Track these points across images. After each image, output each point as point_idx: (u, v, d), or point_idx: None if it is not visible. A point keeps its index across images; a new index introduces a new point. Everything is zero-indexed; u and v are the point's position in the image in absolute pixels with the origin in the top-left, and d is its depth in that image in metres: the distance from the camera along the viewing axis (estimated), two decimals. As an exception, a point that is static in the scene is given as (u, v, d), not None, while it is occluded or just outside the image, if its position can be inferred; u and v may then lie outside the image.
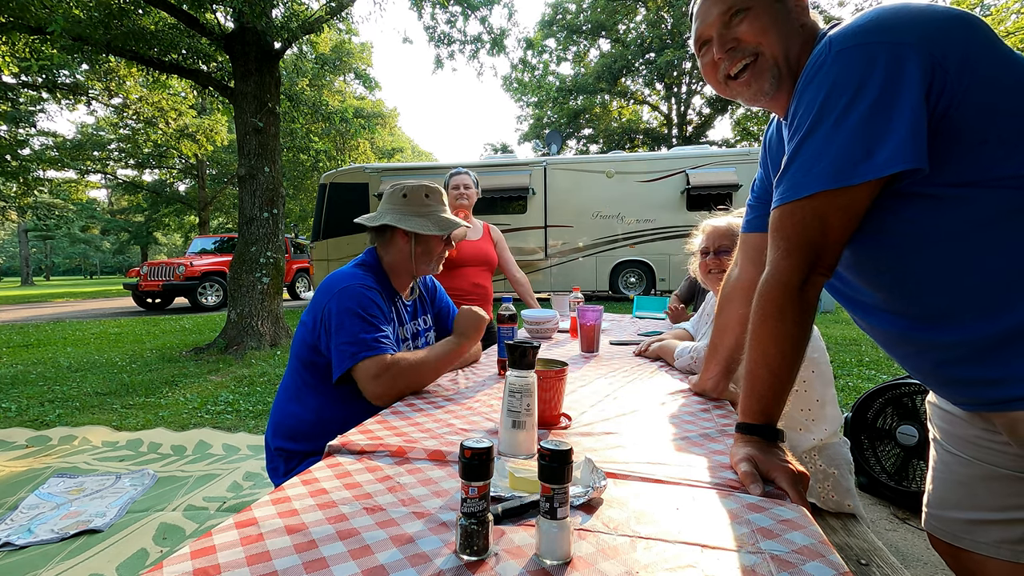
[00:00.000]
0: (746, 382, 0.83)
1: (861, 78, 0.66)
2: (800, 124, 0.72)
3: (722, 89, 0.92)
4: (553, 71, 21.46)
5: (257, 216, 5.60)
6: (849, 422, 2.32)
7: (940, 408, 0.87)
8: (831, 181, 0.68)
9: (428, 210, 1.48)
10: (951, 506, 0.83)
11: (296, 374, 1.39)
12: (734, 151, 10.47)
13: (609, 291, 10.07)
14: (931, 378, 0.80)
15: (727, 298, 1.18)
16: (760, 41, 0.83)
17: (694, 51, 0.94)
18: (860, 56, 0.66)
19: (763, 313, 0.78)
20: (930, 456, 0.90)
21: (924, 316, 0.73)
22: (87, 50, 5.45)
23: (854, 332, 5.98)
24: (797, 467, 0.76)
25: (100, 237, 43.81)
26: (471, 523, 0.57)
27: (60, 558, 1.82)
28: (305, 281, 13.87)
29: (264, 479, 2.47)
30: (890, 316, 0.78)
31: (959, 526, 0.82)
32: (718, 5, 0.85)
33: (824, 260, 0.73)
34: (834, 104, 0.67)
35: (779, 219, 0.75)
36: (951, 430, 0.84)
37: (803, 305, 0.75)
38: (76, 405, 3.77)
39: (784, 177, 0.74)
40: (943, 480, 0.86)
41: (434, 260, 1.51)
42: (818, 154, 0.69)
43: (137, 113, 14.99)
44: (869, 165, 0.65)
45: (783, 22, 0.82)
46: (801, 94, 0.72)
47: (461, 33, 6.72)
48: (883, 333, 0.82)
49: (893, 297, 0.76)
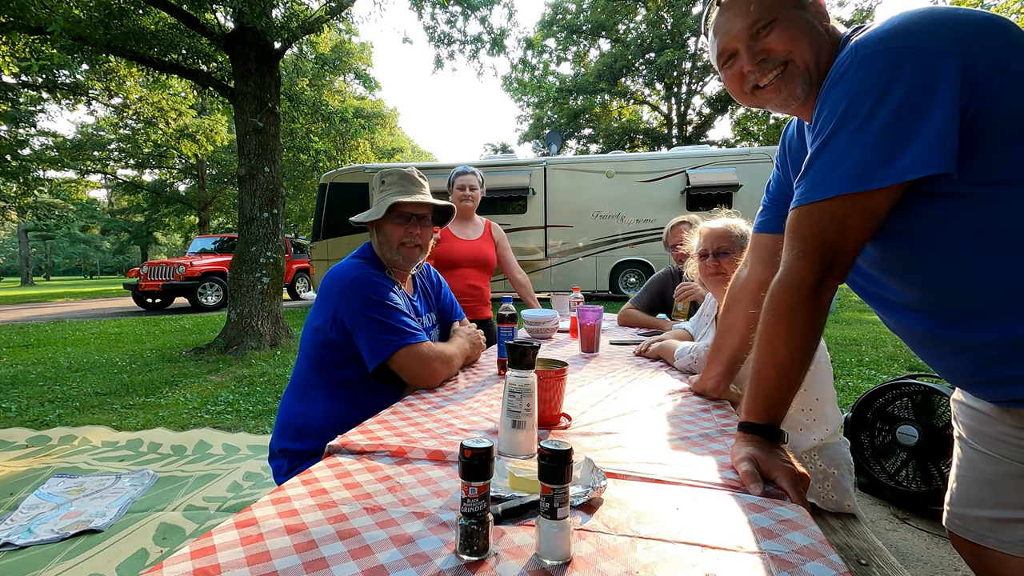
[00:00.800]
0: (752, 381, 0.82)
1: (887, 83, 0.65)
2: (823, 127, 0.71)
3: (747, 99, 0.90)
4: (553, 71, 21.40)
5: (257, 216, 5.60)
6: (849, 422, 2.32)
7: (967, 406, 0.85)
8: (851, 185, 0.68)
9: (381, 196, 1.43)
10: (976, 504, 0.82)
11: (303, 375, 1.39)
12: (734, 151, 10.48)
13: (609, 291, 10.06)
14: (962, 378, 0.79)
15: (735, 298, 1.17)
16: (791, 50, 0.82)
17: (716, 65, 0.92)
18: (887, 61, 0.66)
19: (775, 313, 0.78)
20: (953, 455, 0.89)
21: (958, 315, 0.72)
22: (87, 50, 5.45)
23: (854, 332, 5.98)
24: (799, 468, 0.75)
25: (100, 237, 43.81)
26: (471, 523, 0.57)
27: (60, 558, 1.82)
28: (305, 281, 13.86)
29: (264, 479, 2.47)
30: (921, 316, 0.77)
31: (983, 525, 0.81)
32: (742, 18, 0.83)
33: (840, 263, 0.73)
34: (859, 108, 0.67)
35: (797, 220, 0.75)
36: (978, 427, 0.82)
37: (815, 307, 0.75)
38: (76, 405, 3.77)
39: (804, 178, 0.74)
40: (968, 478, 0.84)
41: (395, 247, 1.42)
42: (840, 157, 0.69)
43: (137, 113, 14.98)
44: (891, 170, 0.65)
45: (810, 29, 0.81)
46: (825, 97, 0.72)
47: (461, 33, 6.73)
48: (913, 333, 0.81)
49: (925, 296, 0.75)
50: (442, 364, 1.34)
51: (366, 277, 1.32)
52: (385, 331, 1.27)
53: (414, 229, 1.43)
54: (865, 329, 6.13)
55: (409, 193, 1.43)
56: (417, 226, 1.44)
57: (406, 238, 1.42)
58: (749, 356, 0.88)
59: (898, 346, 5.04)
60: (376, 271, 1.38)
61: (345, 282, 1.31)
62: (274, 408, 3.61)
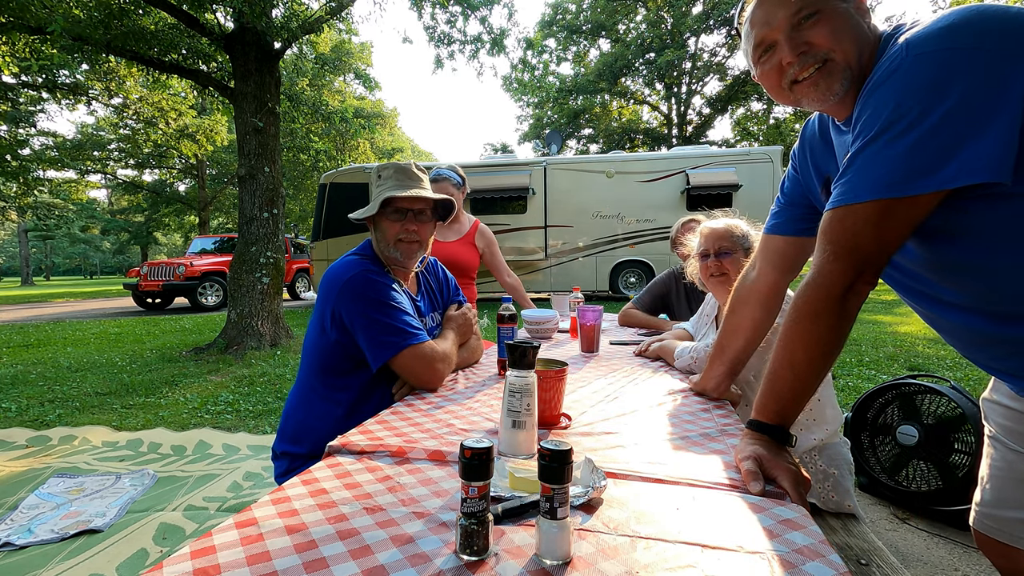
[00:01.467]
0: (767, 380, 0.81)
1: (941, 85, 0.62)
2: (866, 127, 0.68)
3: (784, 96, 0.87)
4: (553, 71, 21.38)
5: (257, 216, 5.60)
6: (849, 422, 2.32)
7: (1004, 406, 0.83)
8: (890, 189, 0.66)
9: (377, 191, 1.40)
10: (1011, 505, 0.80)
11: (303, 381, 1.39)
12: (734, 151, 10.47)
13: (609, 291, 10.06)
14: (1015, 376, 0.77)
15: (741, 300, 1.15)
16: (833, 47, 0.78)
17: (750, 58, 0.88)
18: (940, 62, 0.63)
19: (797, 314, 0.76)
20: (985, 454, 0.87)
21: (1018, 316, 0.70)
22: (87, 50, 5.44)
23: (854, 332, 5.97)
24: (802, 471, 0.75)
25: (100, 237, 43.80)
26: (471, 523, 0.57)
27: (60, 558, 1.82)
28: (305, 281, 13.86)
29: (264, 479, 2.47)
30: (978, 316, 0.75)
31: (1017, 526, 0.79)
32: (784, 7, 0.79)
33: (872, 268, 0.71)
34: (906, 110, 0.64)
35: (830, 222, 0.73)
36: (1015, 427, 0.80)
37: (842, 312, 0.73)
38: (76, 405, 3.77)
39: (842, 179, 0.72)
40: (1003, 479, 0.82)
41: (391, 243, 1.38)
42: (880, 160, 0.66)
43: (137, 113, 14.99)
44: (933, 178, 0.63)
45: (854, 25, 0.78)
46: (869, 97, 0.69)
47: (461, 33, 6.72)
48: (969, 332, 0.78)
49: (982, 296, 0.73)
50: (445, 365, 1.34)
51: (363, 276, 1.29)
52: (387, 332, 1.25)
53: (410, 225, 1.38)
54: (865, 329, 6.13)
55: (404, 187, 1.37)
56: (414, 221, 1.39)
57: (402, 234, 1.37)
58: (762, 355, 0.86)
59: (898, 346, 5.04)
60: (375, 268, 1.35)
61: (342, 281, 1.29)
62: (274, 408, 3.61)
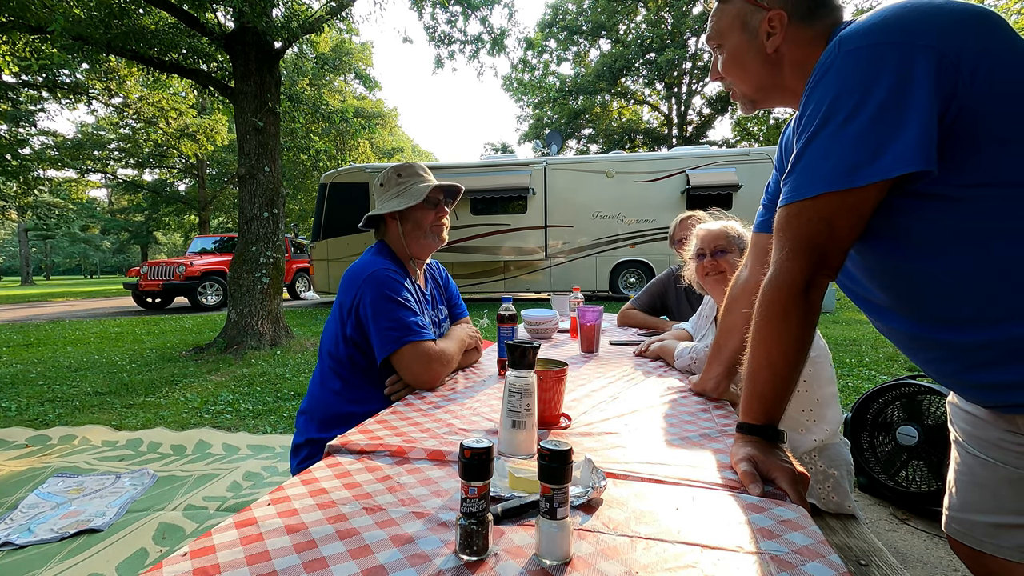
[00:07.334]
0: (748, 382, 0.82)
1: (869, 79, 0.64)
2: (807, 125, 0.71)
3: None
4: (553, 71, 21.48)
5: (257, 216, 5.60)
6: (849, 422, 2.32)
7: (962, 410, 0.84)
8: (836, 182, 0.67)
9: (403, 187, 1.50)
10: (973, 509, 0.81)
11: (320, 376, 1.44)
12: (734, 151, 10.47)
13: (609, 291, 10.06)
14: (953, 381, 0.78)
15: (735, 299, 1.16)
16: (731, 78, 0.90)
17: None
18: (868, 57, 0.65)
19: (767, 313, 0.77)
20: (951, 459, 0.88)
21: (945, 318, 0.71)
22: (87, 50, 5.44)
23: (854, 332, 5.98)
24: (798, 468, 0.75)
25: (100, 237, 43.83)
26: (471, 523, 0.56)
27: (60, 558, 1.82)
28: (305, 281, 13.85)
29: (264, 479, 2.47)
30: (907, 318, 0.76)
31: (981, 530, 0.80)
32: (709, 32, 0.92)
33: (829, 261, 0.72)
34: (842, 105, 0.66)
35: (784, 219, 0.74)
36: (973, 432, 0.81)
37: (807, 306, 0.74)
38: (76, 405, 3.77)
39: (790, 177, 0.73)
40: (965, 483, 0.84)
41: (428, 232, 1.49)
42: (824, 155, 0.68)
43: (137, 113, 14.99)
44: (875, 167, 0.64)
45: (751, 59, 0.87)
46: (809, 94, 0.71)
47: (461, 33, 6.72)
48: (901, 335, 0.80)
49: (910, 298, 0.75)
50: (443, 366, 1.37)
51: (384, 273, 1.37)
52: (394, 326, 1.31)
53: (442, 212, 1.53)
54: (865, 329, 6.13)
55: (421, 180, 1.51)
56: (443, 208, 1.54)
57: (436, 220, 1.50)
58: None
59: (898, 346, 5.03)
60: (394, 267, 1.42)
61: (363, 276, 1.35)
62: (274, 408, 3.61)
